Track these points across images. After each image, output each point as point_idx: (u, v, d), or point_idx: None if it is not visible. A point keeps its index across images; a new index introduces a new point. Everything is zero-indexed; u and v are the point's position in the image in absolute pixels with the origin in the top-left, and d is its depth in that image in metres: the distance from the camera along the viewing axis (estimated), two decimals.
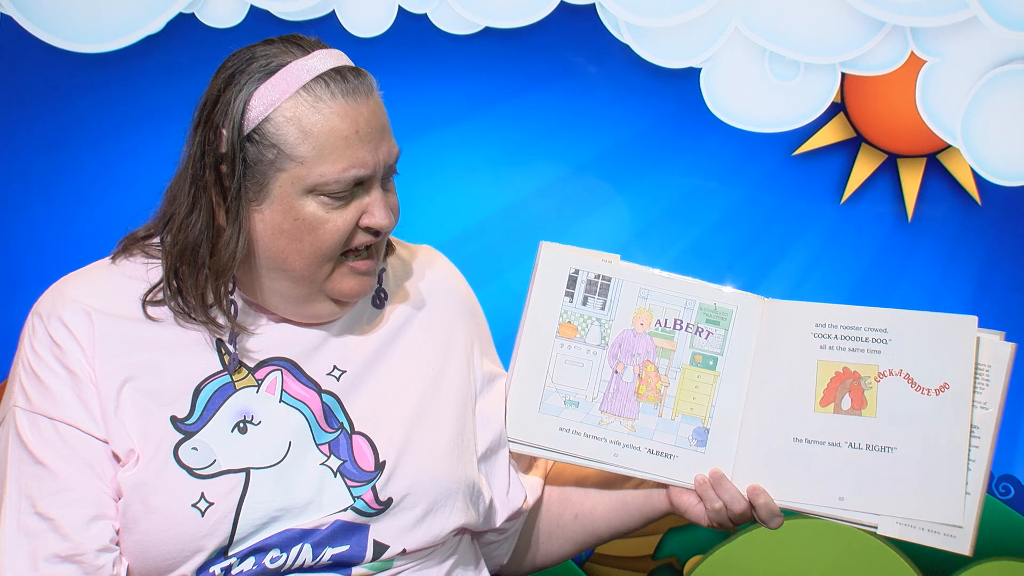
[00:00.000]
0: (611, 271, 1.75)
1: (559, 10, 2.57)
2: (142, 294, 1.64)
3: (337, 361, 1.68)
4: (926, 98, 2.61)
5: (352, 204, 1.61)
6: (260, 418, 1.62)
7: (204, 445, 1.60)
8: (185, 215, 1.61)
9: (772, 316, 1.71)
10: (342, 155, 1.58)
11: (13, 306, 2.49)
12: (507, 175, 2.61)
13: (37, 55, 2.53)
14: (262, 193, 1.59)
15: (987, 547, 2.65)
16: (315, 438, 1.63)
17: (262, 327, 1.67)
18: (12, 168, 2.55)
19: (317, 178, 1.58)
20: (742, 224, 2.63)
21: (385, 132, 1.62)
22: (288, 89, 1.58)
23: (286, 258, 1.61)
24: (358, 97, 1.60)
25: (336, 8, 2.55)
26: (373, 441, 1.65)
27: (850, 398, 1.68)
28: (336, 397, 1.66)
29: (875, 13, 2.58)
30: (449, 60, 2.58)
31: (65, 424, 1.59)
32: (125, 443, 1.59)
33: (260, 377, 1.64)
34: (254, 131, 1.58)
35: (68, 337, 1.61)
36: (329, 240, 1.60)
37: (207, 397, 1.62)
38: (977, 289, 2.65)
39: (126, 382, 1.61)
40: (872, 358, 1.69)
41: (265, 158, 1.58)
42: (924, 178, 2.63)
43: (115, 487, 1.60)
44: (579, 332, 1.75)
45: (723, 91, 2.61)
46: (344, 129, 1.58)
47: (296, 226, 1.59)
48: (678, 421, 1.72)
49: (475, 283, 1.88)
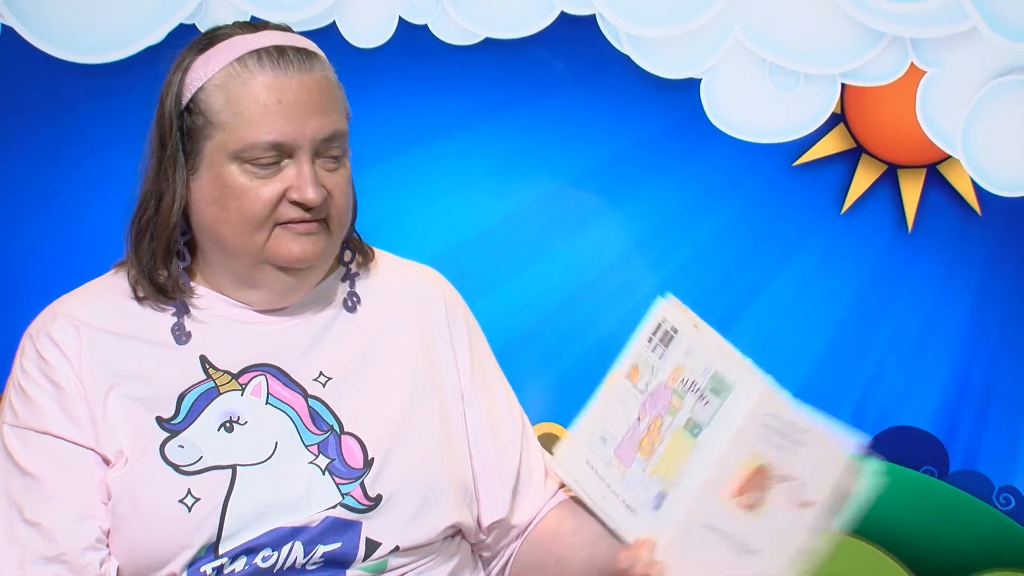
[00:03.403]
0: (681, 325, 1.73)
1: (559, 21, 2.58)
2: (130, 310, 1.67)
3: (323, 367, 1.68)
4: (926, 109, 2.61)
5: (279, 176, 1.61)
6: (246, 418, 1.63)
7: (190, 443, 1.61)
8: (140, 188, 1.67)
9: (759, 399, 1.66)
10: (260, 122, 1.59)
11: (13, 315, 2.49)
12: (507, 185, 2.61)
13: (38, 65, 2.54)
14: (196, 161, 1.62)
15: (987, 558, 2.65)
16: (303, 439, 1.64)
17: (236, 328, 1.68)
18: (12, 178, 2.55)
19: (237, 144, 1.59)
20: (742, 235, 2.63)
21: (317, 108, 1.61)
22: (223, 61, 1.62)
23: (218, 228, 1.63)
24: (289, 71, 1.61)
25: (337, 19, 2.56)
26: (362, 440, 1.65)
27: (755, 495, 1.64)
28: (323, 402, 1.66)
29: (875, 24, 2.58)
30: (449, 70, 2.59)
31: (51, 436, 1.61)
32: (114, 446, 1.61)
33: (244, 382, 1.64)
34: (190, 101, 1.62)
35: (55, 351, 1.63)
36: (252, 208, 1.60)
37: (191, 401, 1.63)
38: (977, 300, 2.65)
39: (112, 388, 1.62)
40: (785, 458, 1.65)
41: (196, 126, 1.62)
42: (924, 189, 2.63)
43: (104, 490, 1.61)
44: (640, 376, 1.73)
45: (723, 102, 2.61)
46: (265, 98, 1.59)
47: (224, 193, 1.61)
48: (652, 480, 1.68)
49: (474, 293, 1.88)
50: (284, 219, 1.62)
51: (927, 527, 2.66)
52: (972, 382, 2.66)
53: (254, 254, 1.64)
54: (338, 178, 1.65)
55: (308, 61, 1.63)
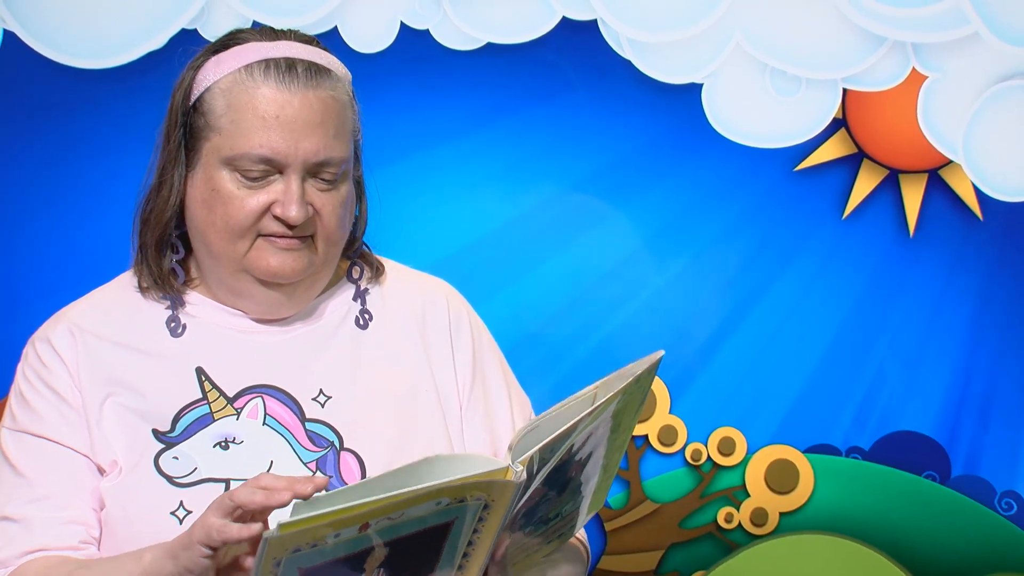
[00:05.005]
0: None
1: (561, 26, 2.58)
2: (132, 318, 1.68)
3: (324, 385, 1.67)
4: (927, 114, 2.61)
5: (266, 189, 1.60)
6: (242, 439, 1.62)
7: (185, 455, 1.60)
8: (150, 179, 1.68)
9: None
10: (255, 134, 1.59)
11: (15, 320, 2.50)
12: (508, 190, 2.61)
13: (40, 71, 2.54)
14: (193, 159, 1.63)
15: (989, 563, 2.64)
16: (300, 457, 1.63)
17: (234, 339, 1.67)
18: (14, 183, 2.55)
19: (229, 151, 1.59)
20: (743, 239, 2.63)
21: (316, 128, 1.60)
22: (232, 65, 1.62)
23: (205, 230, 1.63)
24: (293, 86, 1.60)
25: (339, 24, 2.56)
26: (361, 457, 1.64)
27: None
28: (321, 421, 1.65)
29: (876, 29, 2.58)
30: (451, 75, 2.59)
31: (46, 440, 1.62)
32: (108, 455, 1.61)
33: (240, 406, 1.64)
34: (196, 100, 1.63)
35: (54, 357, 1.64)
36: (236, 216, 1.60)
37: (187, 423, 1.63)
38: (978, 304, 2.65)
39: (109, 396, 1.62)
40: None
41: (198, 126, 1.62)
42: (925, 194, 2.63)
43: (96, 497, 1.61)
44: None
45: (724, 106, 2.61)
46: (264, 111, 1.59)
47: (212, 196, 1.61)
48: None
49: (477, 297, 1.88)
50: (267, 231, 1.62)
51: (929, 532, 2.65)
52: (973, 387, 2.66)
53: (235, 262, 1.63)
54: (329, 197, 1.64)
55: (317, 78, 1.62)
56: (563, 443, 1.44)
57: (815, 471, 2.64)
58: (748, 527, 2.64)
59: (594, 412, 1.46)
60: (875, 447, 2.66)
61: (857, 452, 2.65)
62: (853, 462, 2.65)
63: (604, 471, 1.63)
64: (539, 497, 1.49)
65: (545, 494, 1.50)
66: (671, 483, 2.65)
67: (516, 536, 1.51)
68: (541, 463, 1.42)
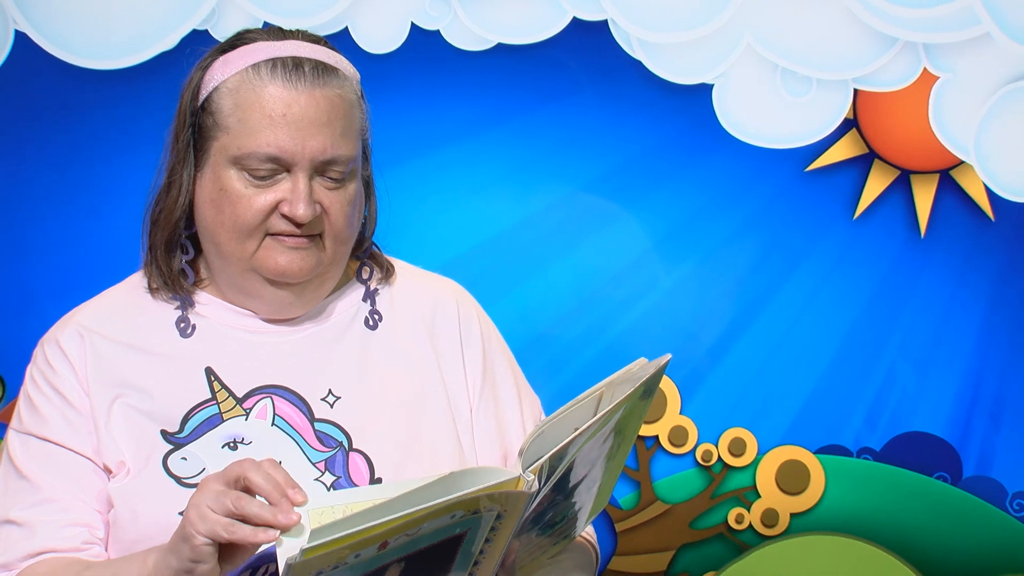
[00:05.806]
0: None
1: (571, 26, 2.58)
2: (140, 319, 1.68)
3: (333, 385, 1.67)
4: (939, 114, 2.61)
5: (274, 188, 1.61)
6: (251, 439, 1.63)
7: (194, 456, 1.61)
8: (156, 181, 1.69)
9: None
10: (262, 132, 1.59)
11: (27, 322, 2.50)
12: (518, 190, 2.61)
13: (51, 71, 2.55)
14: (202, 159, 1.63)
15: (1000, 564, 2.64)
16: (309, 457, 1.63)
17: (243, 340, 1.67)
18: (25, 184, 2.56)
19: (237, 150, 1.60)
20: (754, 240, 2.63)
21: (323, 127, 1.61)
22: (240, 65, 1.62)
23: (214, 229, 1.63)
24: (299, 84, 1.60)
25: (349, 25, 2.56)
26: (370, 459, 1.64)
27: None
28: (331, 422, 1.65)
29: (888, 29, 2.58)
30: (461, 76, 2.59)
31: (51, 443, 1.62)
32: (116, 456, 1.61)
33: (248, 407, 1.64)
34: (205, 100, 1.63)
35: (61, 359, 1.64)
36: (244, 215, 1.60)
37: (196, 424, 1.63)
38: (989, 305, 2.64)
39: (117, 398, 1.63)
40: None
41: (206, 125, 1.63)
42: (937, 194, 2.63)
43: (103, 500, 1.61)
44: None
45: (735, 107, 2.61)
46: (271, 109, 1.59)
47: (220, 196, 1.61)
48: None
49: (486, 298, 1.88)
50: (274, 230, 1.62)
51: (940, 533, 2.65)
52: (985, 388, 2.65)
53: (243, 261, 1.64)
54: (337, 196, 1.64)
55: (324, 76, 1.62)
56: (571, 450, 1.44)
57: (826, 472, 2.64)
58: (759, 528, 2.64)
59: (601, 419, 1.46)
60: (886, 448, 2.65)
61: (868, 453, 2.65)
62: (864, 463, 2.65)
63: (609, 472, 1.63)
64: (547, 502, 1.49)
65: (553, 499, 1.50)
66: (682, 484, 2.65)
67: (523, 538, 1.51)
68: (551, 471, 1.42)
